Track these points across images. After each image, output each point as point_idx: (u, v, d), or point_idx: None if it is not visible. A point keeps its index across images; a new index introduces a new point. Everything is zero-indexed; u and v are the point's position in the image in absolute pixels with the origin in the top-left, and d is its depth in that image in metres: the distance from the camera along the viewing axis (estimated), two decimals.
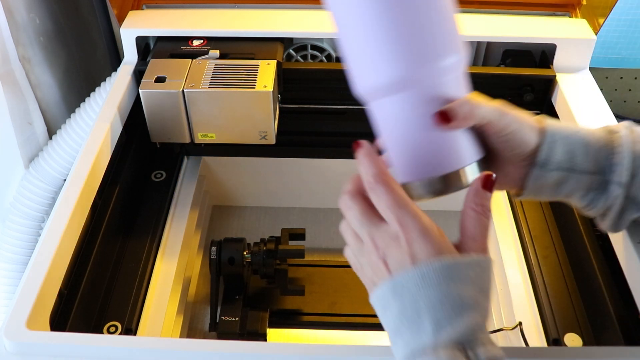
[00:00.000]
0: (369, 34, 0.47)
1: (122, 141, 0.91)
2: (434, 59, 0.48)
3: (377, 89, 0.49)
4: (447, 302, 0.43)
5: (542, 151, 0.53)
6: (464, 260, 0.45)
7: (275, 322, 0.91)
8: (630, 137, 0.54)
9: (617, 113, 1.56)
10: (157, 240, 0.85)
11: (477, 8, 1.04)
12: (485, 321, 0.44)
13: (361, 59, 0.49)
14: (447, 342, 0.42)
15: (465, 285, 0.44)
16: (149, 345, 0.61)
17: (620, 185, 0.53)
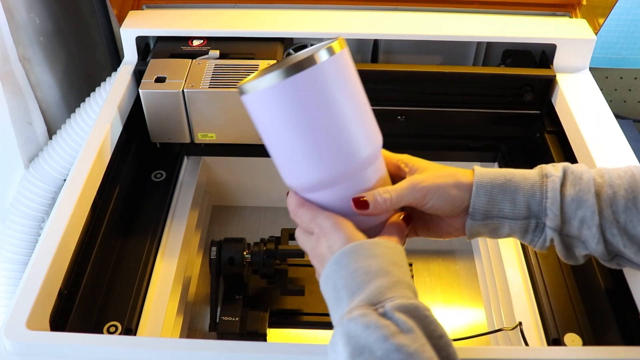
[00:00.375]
0: (290, 145, 0.53)
1: (122, 141, 0.91)
2: (351, 160, 0.53)
3: (303, 188, 0.56)
4: (357, 275, 0.50)
5: (471, 206, 0.57)
6: (369, 241, 0.52)
7: (275, 322, 0.91)
8: (562, 181, 0.56)
9: (617, 113, 1.56)
10: (157, 240, 0.85)
11: (477, 8, 1.04)
12: (393, 283, 0.49)
13: (284, 164, 0.55)
14: (359, 303, 0.48)
15: (372, 259, 0.51)
16: (149, 346, 0.61)
17: (553, 229, 0.56)
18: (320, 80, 0.51)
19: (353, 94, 0.53)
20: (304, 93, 0.50)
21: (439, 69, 0.97)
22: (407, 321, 0.46)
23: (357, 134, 0.53)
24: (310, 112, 0.51)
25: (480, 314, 0.96)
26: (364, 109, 0.54)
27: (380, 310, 0.47)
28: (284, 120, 0.51)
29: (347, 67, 0.54)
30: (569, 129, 0.90)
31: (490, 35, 0.99)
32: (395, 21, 1.00)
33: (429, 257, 1.06)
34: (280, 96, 0.50)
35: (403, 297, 0.48)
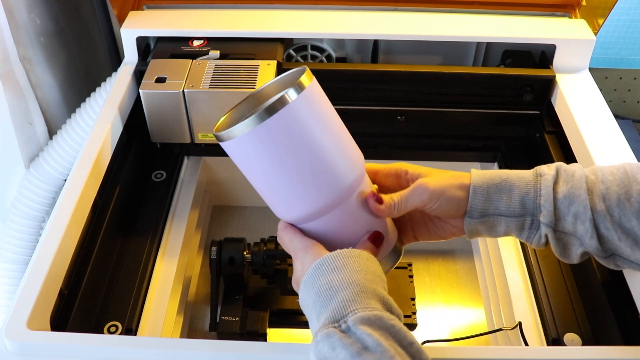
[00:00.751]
0: (275, 184, 0.55)
1: (122, 141, 0.91)
2: (336, 189, 0.55)
3: (294, 222, 0.58)
4: (321, 293, 0.51)
5: (469, 205, 0.59)
6: (330, 255, 0.53)
7: (275, 322, 0.91)
8: (555, 179, 0.58)
9: (617, 113, 1.56)
10: (158, 240, 0.85)
11: (477, 8, 1.04)
12: (357, 294, 0.50)
13: (272, 202, 0.58)
14: (324, 324, 0.49)
15: (334, 273, 0.51)
16: (149, 345, 0.62)
17: (547, 225, 0.58)
18: (294, 119, 0.52)
19: (328, 123, 0.55)
20: (279, 134, 0.51)
21: (439, 69, 0.97)
22: (372, 334, 0.46)
23: (339, 162, 0.55)
24: (289, 151, 0.52)
25: (480, 313, 0.96)
26: (341, 136, 0.56)
27: (343, 326, 0.48)
28: (264, 162, 0.53)
29: (319, 99, 0.55)
30: (568, 129, 0.90)
31: (490, 36, 0.99)
32: (395, 21, 1.00)
33: (429, 257, 1.06)
34: (258, 140, 0.52)
35: (366, 309, 0.48)
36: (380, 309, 0.49)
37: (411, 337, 0.48)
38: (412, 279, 0.94)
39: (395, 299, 0.90)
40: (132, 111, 0.94)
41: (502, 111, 1.01)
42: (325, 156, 0.54)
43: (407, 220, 0.65)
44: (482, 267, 0.98)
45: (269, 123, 0.51)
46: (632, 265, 0.58)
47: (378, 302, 0.50)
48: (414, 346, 0.47)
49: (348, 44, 1.08)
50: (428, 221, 0.64)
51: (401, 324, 0.48)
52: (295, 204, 0.56)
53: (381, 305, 0.50)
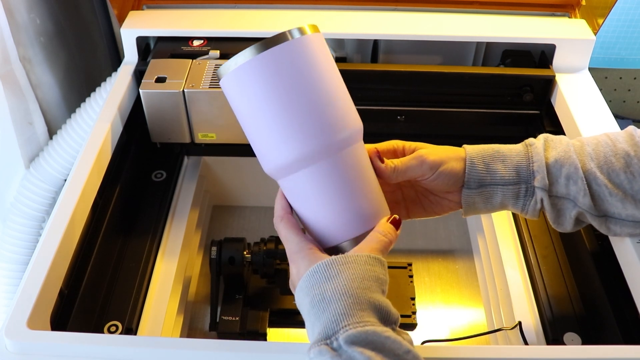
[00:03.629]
0: (265, 121, 0.54)
1: (122, 141, 0.91)
2: (324, 135, 0.53)
3: (280, 170, 0.56)
4: (315, 304, 0.50)
5: (466, 174, 0.61)
6: (324, 262, 0.51)
7: (275, 321, 0.91)
8: (544, 146, 0.61)
9: (616, 113, 1.56)
10: (158, 240, 0.85)
11: (477, 8, 1.04)
12: (352, 308, 0.48)
13: (261, 145, 0.56)
14: (317, 339, 0.48)
15: (327, 283, 0.50)
16: (150, 345, 0.62)
17: (542, 189, 0.60)
18: (291, 56, 0.52)
19: (325, 74, 0.54)
20: (275, 67, 0.52)
21: (439, 69, 0.97)
22: (363, 352, 0.46)
23: (330, 111, 0.54)
24: (282, 87, 0.52)
25: (480, 313, 0.96)
26: (337, 91, 0.55)
27: (335, 343, 0.47)
28: (258, 96, 0.53)
29: (320, 48, 0.55)
30: (568, 129, 0.90)
31: (490, 36, 0.99)
32: (395, 21, 1.00)
33: (429, 257, 1.06)
34: (254, 71, 0.52)
35: (358, 324, 0.47)
36: (374, 322, 0.48)
37: (407, 344, 0.47)
38: (412, 279, 0.94)
39: (395, 298, 0.91)
40: (132, 111, 0.94)
41: (502, 111, 1.01)
42: (318, 100, 0.53)
43: (400, 199, 0.65)
44: (482, 267, 0.98)
45: (266, 55, 0.51)
46: (623, 224, 0.61)
47: (372, 312, 0.49)
48: (410, 354, 0.47)
49: (348, 43, 1.08)
50: (423, 198, 0.65)
51: (395, 335, 0.47)
52: (282, 144, 0.54)
53: (376, 316, 0.49)
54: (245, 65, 0.52)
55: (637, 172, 0.59)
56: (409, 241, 1.10)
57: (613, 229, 0.62)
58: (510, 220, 0.92)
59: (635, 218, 0.60)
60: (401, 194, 0.65)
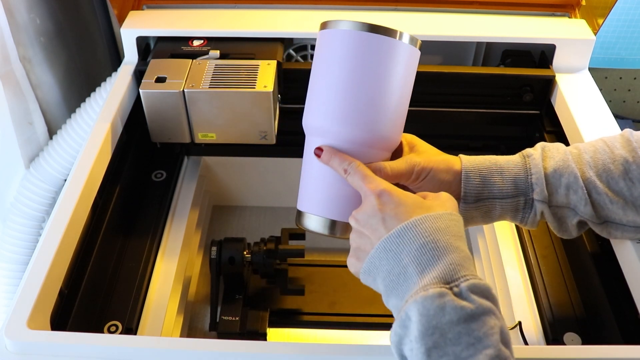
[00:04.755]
0: (333, 84, 0.57)
1: (122, 141, 0.91)
2: (371, 129, 0.57)
3: (318, 128, 0.59)
4: (425, 250, 0.49)
5: (463, 189, 0.60)
6: (430, 215, 0.51)
7: (275, 321, 0.91)
8: (542, 156, 0.61)
9: (616, 113, 1.56)
10: (158, 239, 0.85)
11: (477, 8, 1.04)
12: (463, 260, 0.49)
13: (318, 98, 0.58)
14: (433, 280, 0.48)
15: (437, 234, 0.50)
16: (150, 345, 0.62)
17: (541, 201, 0.60)
18: (388, 52, 0.56)
19: (403, 86, 0.58)
20: (366, 52, 0.56)
21: (439, 69, 0.97)
22: (483, 303, 0.47)
23: (389, 114, 0.58)
24: (365, 70, 0.56)
25: None
26: (402, 106, 0.59)
27: (456, 290, 0.47)
28: (343, 62, 0.56)
29: (412, 65, 0.59)
30: (568, 129, 0.90)
31: (490, 36, 0.99)
32: (395, 21, 1.00)
33: None
34: (349, 41, 0.56)
35: (475, 277, 0.48)
36: (480, 278, 0.49)
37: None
38: None
39: None
40: (132, 111, 0.94)
41: (502, 111, 1.01)
42: (386, 100, 0.57)
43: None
44: (482, 267, 0.98)
45: (366, 36, 0.55)
46: (624, 230, 0.61)
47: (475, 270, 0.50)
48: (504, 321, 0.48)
49: None
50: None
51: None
52: (334, 112, 0.57)
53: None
54: (354, 32, 0.56)
55: (636, 178, 0.59)
56: None
57: (614, 234, 0.62)
58: None
59: (636, 223, 0.60)
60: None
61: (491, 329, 0.46)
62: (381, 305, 0.50)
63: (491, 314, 0.47)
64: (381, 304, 0.52)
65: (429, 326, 0.46)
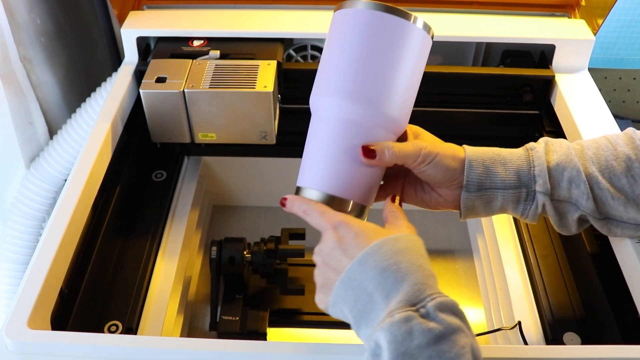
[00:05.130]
0: (345, 58, 0.58)
1: (122, 141, 0.91)
2: (378, 105, 0.57)
3: (327, 98, 0.59)
4: (388, 274, 0.49)
5: (466, 177, 0.60)
6: (389, 238, 0.51)
7: (275, 321, 0.91)
8: (545, 150, 0.61)
9: (616, 113, 1.57)
10: (158, 239, 0.85)
11: (477, 8, 1.04)
12: (427, 278, 0.49)
13: (330, 71, 0.59)
14: (398, 304, 0.47)
15: (398, 255, 0.50)
16: (150, 345, 0.62)
17: (543, 194, 0.60)
18: (401, 33, 0.57)
19: (413, 69, 0.59)
20: (379, 31, 0.57)
21: (439, 69, 0.97)
22: (452, 321, 0.46)
23: (398, 95, 0.58)
24: (378, 49, 0.57)
25: (480, 313, 0.96)
26: (411, 90, 0.59)
27: (422, 311, 0.47)
28: (358, 39, 0.57)
29: (422, 49, 0.59)
30: (568, 129, 0.90)
31: (490, 36, 0.99)
32: None
33: (429, 257, 1.06)
34: (362, 20, 0.57)
35: (441, 295, 0.48)
36: (446, 296, 0.49)
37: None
38: None
39: None
40: (132, 111, 0.94)
41: (502, 111, 1.01)
42: (395, 79, 0.57)
43: (400, 180, 0.65)
44: (482, 267, 0.98)
45: (381, 15, 0.57)
46: (624, 227, 0.61)
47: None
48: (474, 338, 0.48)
49: None
50: (417, 185, 0.64)
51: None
52: (345, 84, 0.57)
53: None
54: (370, 12, 0.57)
55: (638, 175, 0.59)
56: None
57: (614, 231, 0.62)
58: (510, 221, 0.92)
59: (636, 221, 0.61)
60: (403, 177, 0.65)
61: (462, 348, 0.45)
62: None
63: (460, 332, 0.46)
64: None
65: (399, 353, 0.45)
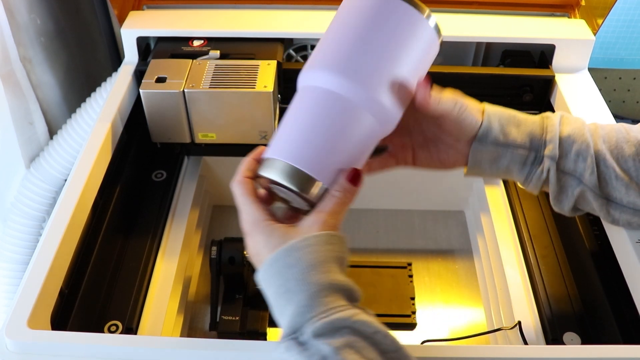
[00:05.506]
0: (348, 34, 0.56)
1: (122, 141, 0.91)
2: (371, 86, 0.54)
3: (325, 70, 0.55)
4: (279, 296, 0.50)
5: (481, 128, 0.61)
6: (282, 249, 0.50)
7: (275, 321, 0.91)
8: (560, 121, 0.62)
9: (616, 113, 1.57)
10: (158, 239, 0.85)
11: (477, 8, 1.04)
12: (315, 297, 0.48)
13: (330, 43, 0.57)
14: (285, 333, 0.48)
15: (288, 272, 0.49)
16: (150, 345, 0.62)
17: (551, 159, 0.61)
18: (410, 24, 0.56)
19: (413, 64, 0.57)
20: (392, 16, 0.55)
21: (439, 69, 0.97)
22: (331, 343, 0.46)
23: (395, 85, 0.56)
24: (384, 33, 0.55)
25: (480, 313, 0.96)
26: (409, 86, 0.58)
27: (301, 338, 0.47)
28: (364, 19, 0.56)
29: (429, 48, 0.59)
30: None
31: (490, 36, 0.99)
32: None
33: (429, 257, 1.06)
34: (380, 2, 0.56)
35: (323, 314, 0.47)
36: (340, 305, 0.48)
37: (376, 324, 0.48)
38: (411, 279, 0.94)
39: (395, 298, 0.91)
40: (132, 111, 0.94)
41: None
42: (396, 65, 0.56)
43: (408, 144, 0.66)
44: (482, 267, 0.98)
45: (399, 3, 0.55)
46: (622, 210, 0.62)
47: (338, 294, 0.49)
48: (379, 334, 0.48)
49: None
50: (432, 146, 0.65)
51: (365, 316, 0.48)
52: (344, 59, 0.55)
53: (342, 296, 0.49)
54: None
55: None
56: (408, 241, 1.10)
57: (612, 213, 0.63)
58: (510, 221, 0.92)
59: (635, 205, 0.62)
60: (410, 140, 0.66)
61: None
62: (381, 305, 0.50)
63: (344, 349, 0.46)
64: (381, 304, 0.52)
65: None
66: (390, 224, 1.12)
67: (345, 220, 0.55)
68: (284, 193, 0.56)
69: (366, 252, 1.08)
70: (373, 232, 1.11)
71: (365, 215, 1.13)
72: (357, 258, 1.04)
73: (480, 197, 1.02)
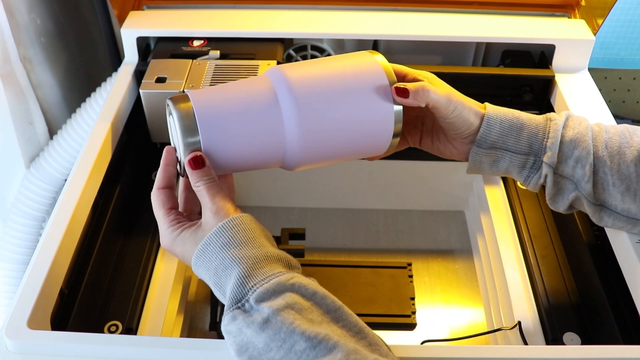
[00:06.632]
0: None
1: (122, 141, 0.91)
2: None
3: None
4: (218, 272, 0.52)
5: (480, 133, 0.62)
6: (213, 233, 0.53)
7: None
8: (564, 124, 0.62)
9: (616, 113, 1.57)
10: (158, 240, 0.85)
11: (477, 8, 1.04)
12: (252, 268, 0.51)
13: None
14: (229, 303, 0.51)
15: (223, 252, 0.52)
16: (150, 345, 0.62)
17: (549, 165, 0.62)
18: (379, 132, 0.61)
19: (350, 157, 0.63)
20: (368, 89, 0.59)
21: (439, 69, 0.97)
22: (273, 305, 0.48)
23: (325, 154, 0.60)
24: (356, 116, 0.59)
25: (480, 313, 0.96)
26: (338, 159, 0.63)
27: (247, 305, 0.50)
28: (354, 93, 0.59)
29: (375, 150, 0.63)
30: None
31: (490, 36, 0.99)
32: (395, 21, 1.00)
33: (429, 257, 1.06)
34: (369, 71, 0.60)
35: (263, 281, 0.50)
36: (279, 271, 0.51)
37: (314, 286, 0.51)
38: (411, 279, 0.94)
39: (395, 298, 0.91)
40: (132, 111, 0.94)
41: None
42: (339, 146, 0.60)
43: (419, 126, 0.68)
44: (482, 267, 0.98)
45: (382, 78, 0.60)
46: (616, 218, 0.62)
47: (275, 262, 0.52)
48: (317, 295, 0.50)
49: (348, 44, 1.08)
50: (435, 134, 0.67)
51: (301, 280, 0.51)
52: (312, 103, 0.57)
53: (280, 264, 0.52)
54: (379, 67, 0.61)
55: None
56: (408, 241, 1.10)
57: (606, 219, 0.63)
58: (510, 221, 0.92)
59: (629, 213, 0.62)
60: (421, 122, 0.68)
61: (291, 324, 0.47)
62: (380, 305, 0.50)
63: (285, 310, 0.48)
64: (381, 304, 0.52)
65: (238, 344, 0.50)
66: (390, 224, 1.12)
67: (345, 220, 0.56)
68: (176, 139, 0.61)
69: (366, 252, 1.08)
70: (373, 232, 1.11)
71: (365, 215, 1.13)
72: (357, 258, 1.04)
73: (480, 197, 1.02)
